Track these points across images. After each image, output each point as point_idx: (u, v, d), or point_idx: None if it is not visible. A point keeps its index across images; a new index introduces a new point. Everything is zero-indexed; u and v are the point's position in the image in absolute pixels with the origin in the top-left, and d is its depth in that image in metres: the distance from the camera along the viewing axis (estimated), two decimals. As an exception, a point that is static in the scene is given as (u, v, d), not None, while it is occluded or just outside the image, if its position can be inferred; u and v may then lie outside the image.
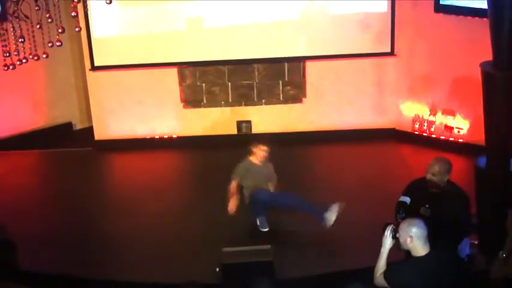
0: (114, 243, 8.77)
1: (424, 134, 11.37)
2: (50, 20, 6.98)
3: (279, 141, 10.09)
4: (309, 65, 11.64)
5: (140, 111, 11.85)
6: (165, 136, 11.98)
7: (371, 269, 5.88)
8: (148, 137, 11.96)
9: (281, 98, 11.79)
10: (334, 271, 7.70)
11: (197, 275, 7.36)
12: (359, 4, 11.28)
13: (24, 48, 7.14)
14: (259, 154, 8.70)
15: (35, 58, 7.29)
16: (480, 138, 7.98)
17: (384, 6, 11.24)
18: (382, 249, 5.82)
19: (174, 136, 11.97)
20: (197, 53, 11.54)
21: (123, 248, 8.62)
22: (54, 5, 7.08)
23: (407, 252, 5.70)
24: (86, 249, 8.62)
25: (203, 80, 11.75)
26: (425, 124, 11.33)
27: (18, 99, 12.04)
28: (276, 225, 8.87)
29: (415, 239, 5.49)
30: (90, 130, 12.19)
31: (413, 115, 11.48)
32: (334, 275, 7.64)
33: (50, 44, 7.32)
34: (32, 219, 9.41)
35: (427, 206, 6.55)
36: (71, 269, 8.01)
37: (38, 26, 7.15)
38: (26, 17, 7.05)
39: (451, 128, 11.06)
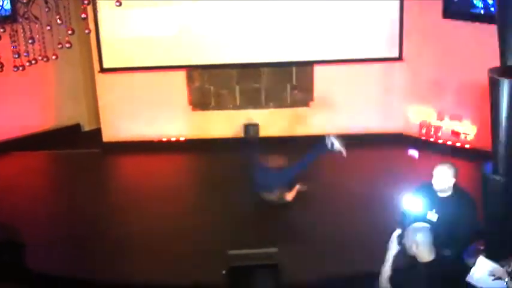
0: (121, 245, 8.78)
1: (431, 139, 11.36)
2: (59, 22, 7.02)
3: (286, 145, 10.15)
4: (316, 69, 11.65)
5: (148, 114, 11.89)
6: (173, 138, 12.01)
7: (377, 274, 5.90)
8: (156, 139, 11.99)
9: (289, 102, 11.81)
10: (340, 275, 7.71)
11: (203, 277, 7.40)
12: (367, 9, 11.30)
13: (33, 49, 7.19)
14: None
15: (45, 59, 7.33)
16: (487, 143, 7.96)
17: (393, 12, 11.26)
18: (388, 254, 5.84)
19: (182, 138, 11.99)
20: (206, 56, 11.58)
21: (130, 250, 8.64)
22: (64, 7, 7.12)
23: (414, 258, 5.71)
24: (94, 250, 8.65)
25: (211, 82, 11.79)
26: (433, 129, 11.33)
27: (27, 101, 12.08)
28: (283, 228, 8.90)
29: (420, 245, 5.50)
30: (98, 132, 12.23)
31: (420, 120, 11.48)
32: (341, 279, 7.65)
33: (59, 46, 7.36)
34: (41, 221, 9.45)
35: (433, 210, 6.56)
36: (79, 270, 8.05)
37: (47, 28, 7.20)
38: (36, 18, 7.09)
39: (458, 134, 11.06)
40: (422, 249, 5.51)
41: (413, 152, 6.60)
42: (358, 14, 11.36)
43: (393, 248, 5.82)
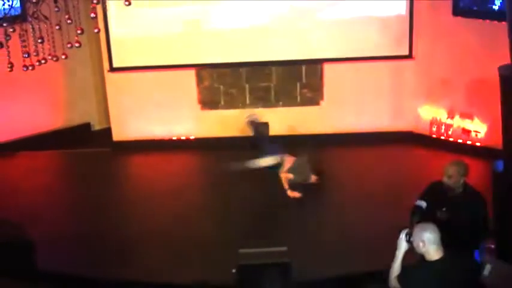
0: (130, 243, 8.79)
1: (442, 137, 11.32)
2: (69, 21, 7.03)
3: (296, 144, 10.16)
4: (326, 67, 11.63)
5: (158, 113, 11.90)
6: (183, 137, 12.01)
7: (387, 271, 5.88)
8: (165, 138, 12.01)
9: (298, 101, 11.79)
10: (350, 273, 7.70)
11: (213, 276, 7.40)
12: (377, 7, 11.27)
13: (43, 49, 7.20)
14: None
15: (54, 59, 7.34)
16: (498, 141, 7.95)
17: (403, 9, 11.22)
18: (396, 252, 5.81)
19: (192, 137, 12.00)
20: (215, 54, 11.57)
21: (139, 249, 8.65)
22: (74, 6, 7.13)
23: (423, 256, 5.69)
24: (103, 249, 8.65)
25: (221, 81, 11.78)
26: (443, 127, 11.29)
27: (37, 100, 12.13)
28: (293, 227, 8.88)
29: (427, 243, 5.47)
30: (108, 131, 12.25)
31: (431, 118, 11.44)
32: (350, 277, 7.64)
33: (69, 45, 7.38)
34: (50, 220, 9.46)
35: (444, 209, 6.53)
36: (87, 269, 8.07)
37: (57, 27, 7.21)
38: (46, 18, 7.10)
39: (469, 132, 11.02)
40: (430, 248, 5.48)
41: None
42: (368, 12, 11.32)
43: (402, 246, 5.79)
